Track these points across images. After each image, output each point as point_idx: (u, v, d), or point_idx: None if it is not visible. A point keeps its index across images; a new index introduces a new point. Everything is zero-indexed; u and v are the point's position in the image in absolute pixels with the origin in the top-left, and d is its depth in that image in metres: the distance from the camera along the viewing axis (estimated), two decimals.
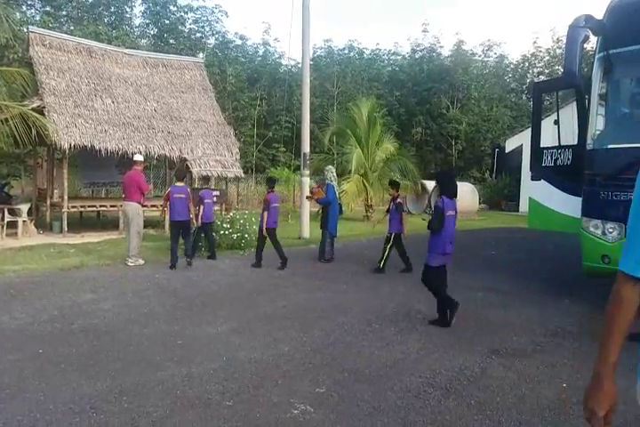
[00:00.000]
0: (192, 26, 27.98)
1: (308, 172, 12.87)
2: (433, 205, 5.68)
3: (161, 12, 26.75)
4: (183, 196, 8.44)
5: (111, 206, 12.34)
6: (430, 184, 20.15)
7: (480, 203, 20.86)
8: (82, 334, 4.96)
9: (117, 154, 11.97)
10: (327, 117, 24.15)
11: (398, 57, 34.86)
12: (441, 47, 31.96)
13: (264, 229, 8.49)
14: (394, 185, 8.79)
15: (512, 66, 35.17)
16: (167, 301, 6.28)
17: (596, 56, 6.42)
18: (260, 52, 30.25)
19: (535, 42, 33.29)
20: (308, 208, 12.83)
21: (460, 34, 49.57)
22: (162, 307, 5.99)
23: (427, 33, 31.94)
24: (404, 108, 29.97)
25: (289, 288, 7.07)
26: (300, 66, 14.39)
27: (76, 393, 3.64)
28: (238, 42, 29.62)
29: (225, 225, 9.81)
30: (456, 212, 5.57)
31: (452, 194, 5.42)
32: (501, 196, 22.82)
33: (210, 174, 12.18)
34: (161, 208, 9.36)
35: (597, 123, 6.50)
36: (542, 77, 31.63)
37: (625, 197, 5.89)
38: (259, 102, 26.34)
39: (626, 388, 2.14)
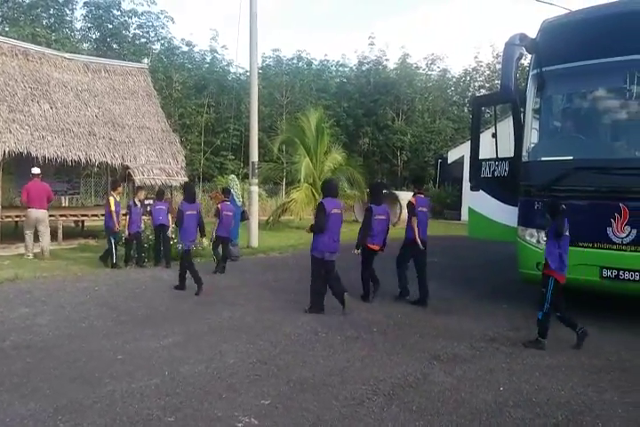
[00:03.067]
0: (136, 31, 27.37)
1: (256, 180, 12.82)
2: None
3: (104, 15, 25.99)
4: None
5: (50, 216, 11.76)
6: None
7: None
8: (14, 351, 4.70)
9: (56, 161, 11.48)
10: (276, 126, 24.16)
11: (346, 68, 35.44)
12: (387, 60, 32.77)
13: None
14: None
15: (454, 79, 36.50)
16: (108, 314, 6.06)
17: (530, 73, 6.80)
18: (208, 59, 29.92)
19: (476, 56, 34.80)
20: (256, 217, 12.77)
21: (405, 47, 51.16)
22: (102, 321, 5.77)
23: (373, 46, 32.68)
24: (352, 119, 30.43)
25: (236, 299, 6.98)
26: (248, 74, 14.36)
27: (7, 414, 3.45)
28: (185, 48, 29.20)
29: (172, 235, 9.58)
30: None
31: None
32: (444, 205, 23.55)
33: (154, 183, 11.90)
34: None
35: (532, 136, 6.85)
36: (483, 91, 33.07)
37: None
38: (206, 110, 26.01)
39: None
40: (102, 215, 12.12)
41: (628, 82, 5.88)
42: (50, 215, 11.76)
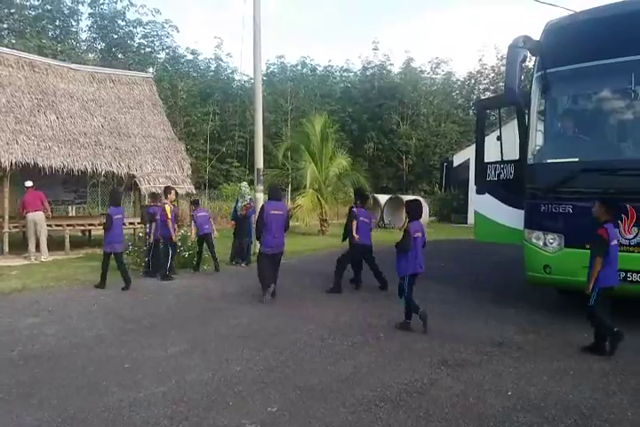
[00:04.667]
0: (141, 40, 27.70)
1: (262, 187, 12.83)
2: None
3: (109, 26, 26.34)
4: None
5: (56, 226, 11.85)
6: (383, 198, 20.56)
7: (430, 215, 21.37)
8: (22, 361, 4.72)
9: (63, 171, 11.58)
10: (281, 133, 24.29)
11: (350, 74, 35.64)
12: (391, 65, 32.93)
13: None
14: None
15: (459, 82, 36.59)
16: (114, 323, 6.08)
17: (535, 75, 6.78)
18: (213, 67, 30.24)
19: (481, 59, 34.92)
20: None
21: (409, 52, 50.99)
22: (108, 330, 5.79)
23: (377, 51, 32.84)
24: (357, 124, 30.53)
25: (242, 307, 6.98)
26: (253, 81, 14.46)
27: (15, 424, 3.46)
28: (190, 57, 29.55)
29: (179, 243, 9.59)
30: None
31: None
32: (450, 208, 23.49)
33: (160, 191, 11.96)
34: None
35: (537, 138, 6.81)
36: (488, 94, 33.09)
37: (564, 209, 6.21)
38: (211, 117, 26.21)
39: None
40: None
41: (633, 82, 5.87)
42: (57, 225, 11.91)
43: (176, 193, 10.17)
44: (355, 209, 8.12)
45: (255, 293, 7.55)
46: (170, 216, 8.77)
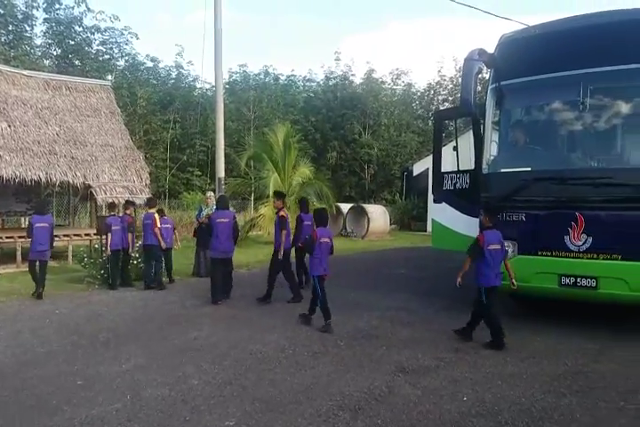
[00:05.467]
0: (100, 47, 27.11)
1: None
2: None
3: (65, 32, 25.65)
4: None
5: (7, 238, 11.40)
6: (345, 207, 20.71)
7: (391, 224, 21.67)
8: None
9: (15, 181, 11.16)
10: (244, 142, 24.16)
11: (313, 83, 35.87)
12: (353, 75, 33.30)
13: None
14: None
15: (419, 93, 37.34)
16: (68, 338, 5.87)
17: (489, 87, 6.99)
18: (173, 75, 29.87)
19: (440, 71, 35.59)
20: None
21: (370, 63, 51.97)
22: (62, 345, 5.59)
23: (339, 61, 33.21)
24: (320, 134, 30.70)
25: (201, 319, 6.86)
26: (214, 89, 14.36)
27: None
28: (150, 64, 29.10)
29: (134, 254, 9.39)
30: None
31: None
32: (410, 216, 23.87)
33: (117, 201, 11.68)
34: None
35: (491, 149, 7.03)
36: (447, 104, 33.92)
37: (517, 217, 6.42)
38: (172, 125, 25.87)
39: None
40: (65, 236, 11.89)
41: (582, 95, 6.12)
42: (7, 237, 11.45)
43: (134, 204, 10.02)
44: (302, 215, 8.77)
45: (215, 305, 7.47)
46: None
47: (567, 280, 5.95)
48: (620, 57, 5.88)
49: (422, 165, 22.52)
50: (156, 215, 9.17)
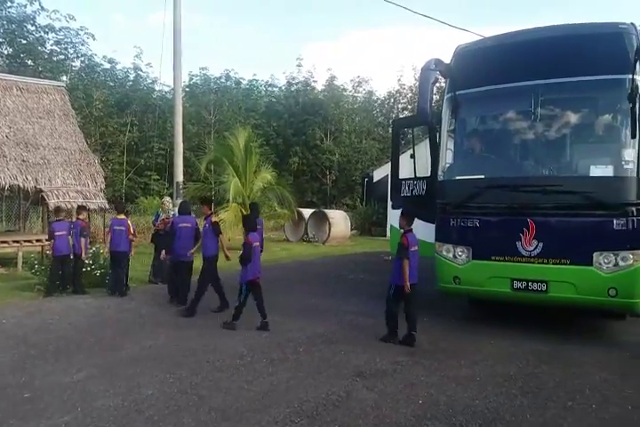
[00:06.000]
0: (54, 47, 26.25)
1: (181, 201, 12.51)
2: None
3: (17, 30, 24.69)
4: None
5: None
6: (307, 212, 20.73)
7: (352, 229, 21.84)
8: None
9: None
10: (204, 145, 23.87)
11: (275, 88, 35.87)
12: (314, 82, 33.54)
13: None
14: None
15: (379, 101, 37.94)
16: (15, 349, 5.62)
17: (445, 96, 7.16)
18: (132, 77, 29.23)
19: (399, 79, 36.28)
20: None
21: (331, 70, 52.33)
22: (8, 356, 5.34)
23: (301, 67, 33.38)
24: (282, 139, 30.72)
25: (157, 327, 6.70)
26: (173, 92, 14.12)
27: None
28: (107, 66, 28.39)
29: (87, 261, 9.08)
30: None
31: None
32: (371, 222, 24.13)
33: (70, 206, 11.29)
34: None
35: (447, 156, 7.17)
36: (406, 113, 34.58)
37: (471, 223, 6.58)
38: (129, 128, 25.28)
39: None
40: (14, 242, 11.40)
41: (533, 105, 6.36)
42: None
43: (88, 209, 9.73)
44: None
45: (172, 312, 7.32)
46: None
47: (519, 284, 6.14)
48: (569, 69, 6.15)
49: (382, 172, 22.82)
50: (129, 222, 8.99)
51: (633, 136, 5.75)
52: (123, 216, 9.01)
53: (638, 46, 5.82)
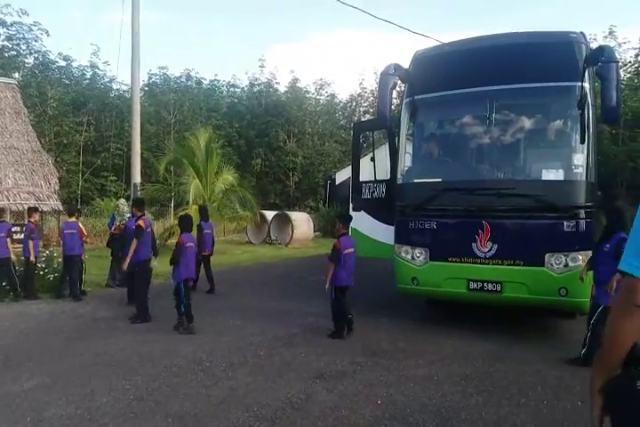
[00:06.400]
0: (5, 43, 25.27)
1: None
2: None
3: None
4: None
5: None
6: (270, 214, 20.64)
7: (315, 231, 21.90)
8: None
9: None
10: (163, 146, 23.43)
11: (237, 89, 35.61)
12: (277, 83, 33.53)
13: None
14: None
15: (342, 104, 38.26)
16: None
17: (404, 101, 7.27)
18: (88, 75, 28.43)
19: (361, 83, 36.75)
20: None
21: (294, 72, 52.55)
22: None
23: (263, 68, 33.29)
24: (244, 140, 30.51)
25: (113, 332, 6.52)
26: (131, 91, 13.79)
27: None
28: (62, 63, 27.52)
29: (40, 265, 8.76)
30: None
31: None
32: (333, 224, 24.26)
33: (22, 208, 10.87)
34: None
35: (405, 160, 7.29)
36: (368, 116, 34.95)
37: (429, 225, 6.71)
38: (85, 128, 24.58)
39: None
40: None
41: (488, 110, 6.55)
42: None
43: (40, 211, 9.40)
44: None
45: (128, 316, 7.15)
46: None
47: (475, 285, 6.30)
48: (522, 76, 6.35)
49: (345, 174, 22.96)
50: (81, 225, 8.81)
51: (582, 141, 5.99)
52: (74, 219, 8.78)
53: (587, 55, 6.09)
